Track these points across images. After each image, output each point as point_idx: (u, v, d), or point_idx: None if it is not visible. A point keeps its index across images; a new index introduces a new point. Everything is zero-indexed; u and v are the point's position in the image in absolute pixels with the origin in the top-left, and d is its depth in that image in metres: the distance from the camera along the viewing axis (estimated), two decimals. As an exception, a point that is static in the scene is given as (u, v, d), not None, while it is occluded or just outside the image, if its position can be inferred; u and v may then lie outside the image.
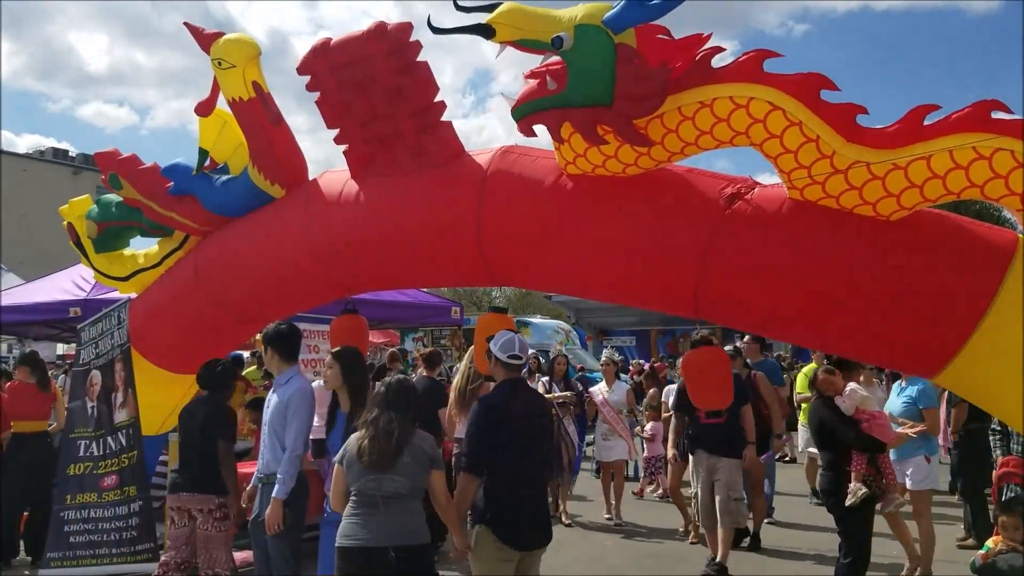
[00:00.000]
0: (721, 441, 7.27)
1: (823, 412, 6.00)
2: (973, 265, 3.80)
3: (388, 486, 4.18)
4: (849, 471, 5.80)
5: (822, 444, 6.11)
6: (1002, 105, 3.58)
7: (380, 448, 4.17)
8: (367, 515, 4.18)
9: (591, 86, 3.98)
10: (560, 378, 9.91)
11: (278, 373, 5.39)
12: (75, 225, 6.61)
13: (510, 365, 4.60)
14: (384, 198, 5.02)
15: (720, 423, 7.18)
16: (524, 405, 4.62)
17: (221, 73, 5.26)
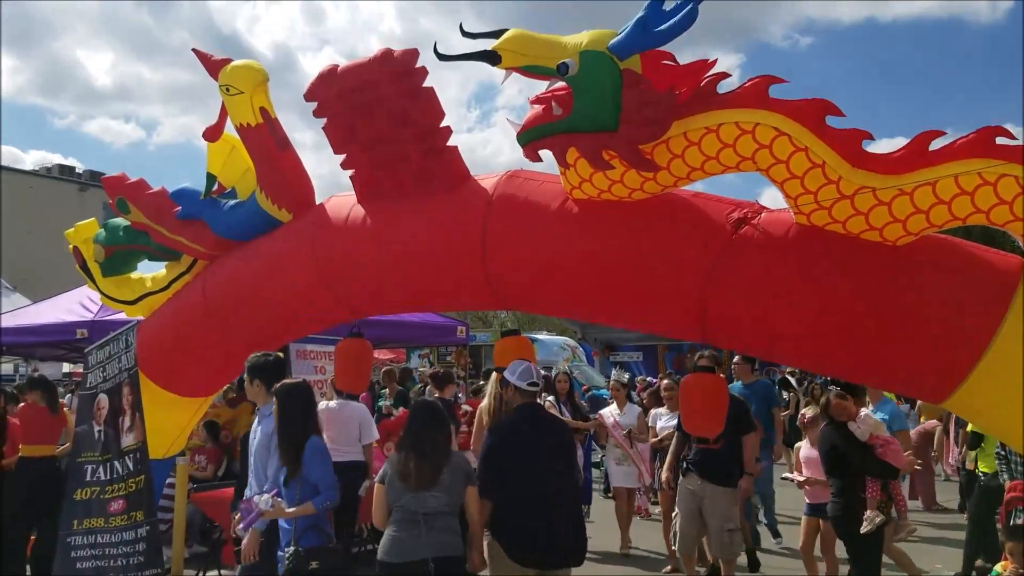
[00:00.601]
0: (716, 468, 6.86)
1: (835, 438, 5.97)
2: (979, 290, 3.78)
3: (431, 503, 4.51)
4: (862, 497, 5.77)
5: (832, 470, 6.07)
6: (1006, 132, 3.59)
7: (422, 467, 4.50)
8: (409, 530, 4.48)
9: (597, 112, 3.99)
10: (565, 398, 9.38)
11: (263, 404, 5.30)
12: (81, 249, 6.62)
13: (527, 392, 4.97)
14: (390, 222, 5.03)
15: (717, 449, 6.77)
16: (539, 430, 4.93)
17: (229, 99, 5.29)
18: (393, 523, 4.54)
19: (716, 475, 6.80)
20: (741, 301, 4.17)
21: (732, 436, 6.47)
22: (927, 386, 4.08)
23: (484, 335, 22.58)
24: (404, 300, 5.51)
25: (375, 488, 4.74)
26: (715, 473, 6.80)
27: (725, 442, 6.61)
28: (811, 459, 6.82)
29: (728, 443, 6.67)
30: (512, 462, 4.76)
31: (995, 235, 5.08)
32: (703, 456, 6.84)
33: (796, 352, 4.45)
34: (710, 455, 6.78)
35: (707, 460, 6.82)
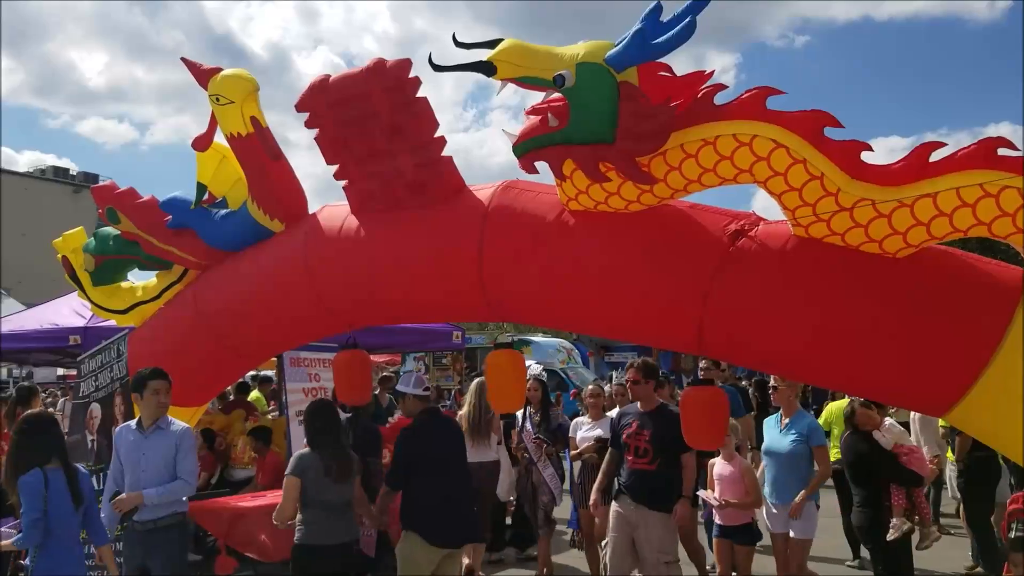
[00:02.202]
0: (651, 491, 5.92)
1: (862, 447, 5.92)
2: (981, 303, 3.74)
3: (347, 493, 5.39)
4: (887, 505, 5.75)
5: (857, 479, 6.00)
6: (1008, 143, 3.54)
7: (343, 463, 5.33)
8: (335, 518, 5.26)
9: (593, 124, 3.95)
10: (538, 408, 7.89)
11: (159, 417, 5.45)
12: (70, 258, 6.57)
13: (421, 397, 5.83)
14: (384, 234, 4.98)
15: (652, 470, 5.89)
16: (439, 430, 5.78)
17: (219, 109, 5.24)
18: (315, 512, 5.20)
19: (651, 499, 5.90)
20: (738, 314, 4.12)
21: (671, 455, 5.85)
22: (928, 400, 4.03)
23: (479, 337, 22.52)
24: (398, 313, 5.46)
25: (288, 481, 5.25)
26: (650, 496, 5.90)
27: (662, 461, 5.87)
28: (726, 476, 6.33)
29: (665, 463, 5.90)
30: (419, 459, 5.58)
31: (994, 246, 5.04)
32: (637, 477, 5.97)
33: (795, 365, 4.40)
34: (644, 476, 5.92)
35: (641, 482, 5.94)
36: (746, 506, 6.18)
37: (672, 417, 5.65)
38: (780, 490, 6.24)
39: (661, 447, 5.79)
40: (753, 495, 6.16)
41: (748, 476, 6.22)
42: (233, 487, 9.07)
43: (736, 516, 6.21)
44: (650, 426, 5.94)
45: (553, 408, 7.99)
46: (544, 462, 7.71)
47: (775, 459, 6.31)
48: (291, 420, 9.14)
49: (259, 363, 6.17)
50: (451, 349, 12.07)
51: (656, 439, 5.86)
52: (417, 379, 5.78)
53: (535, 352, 22.78)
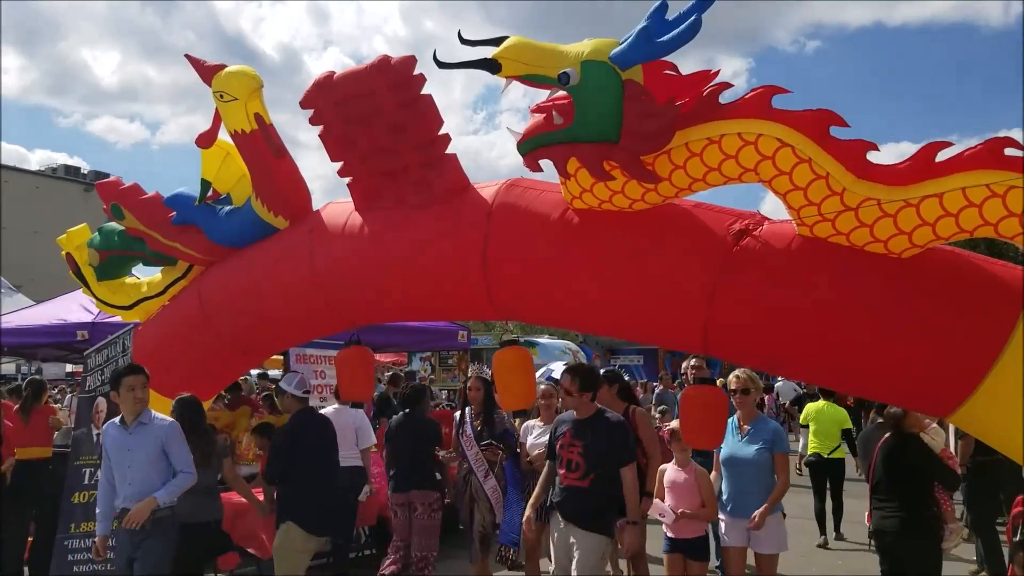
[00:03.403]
0: (580, 510, 5.25)
1: (912, 451, 5.54)
2: (987, 304, 3.71)
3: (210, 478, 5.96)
4: (935, 511, 5.49)
5: (895, 484, 5.55)
6: (1015, 143, 3.52)
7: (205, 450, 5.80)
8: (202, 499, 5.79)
9: (598, 122, 3.93)
10: (480, 410, 6.98)
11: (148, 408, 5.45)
12: (74, 255, 6.59)
13: (301, 399, 6.10)
14: (388, 232, 4.97)
15: (582, 487, 5.21)
16: (313, 429, 6.11)
17: (223, 106, 5.24)
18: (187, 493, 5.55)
19: (582, 519, 5.23)
20: (743, 314, 4.10)
21: (607, 469, 5.20)
22: (933, 400, 4.01)
23: (486, 338, 22.50)
24: (402, 311, 5.45)
25: None
26: (580, 517, 5.24)
27: (596, 477, 5.21)
28: (679, 484, 5.75)
29: (600, 479, 5.21)
30: (295, 456, 5.91)
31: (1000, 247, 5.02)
32: (567, 495, 5.32)
33: (800, 365, 4.39)
34: (575, 494, 5.26)
35: (572, 500, 5.30)
36: (702, 517, 5.68)
37: (612, 426, 5.24)
38: (741, 502, 5.68)
39: (595, 461, 5.18)
40: (709, 505, 5.65)
41: (704, 484, 5.69)
42: (239, 484, 9.08)
43: (690, 529, 5.68)
44: (584, 437, 5.26)
45: (498, 411, 6.97)
46: (485, 471, 6.84)
47: (736, 469, 5.75)
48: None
49: (263, 359, 6.25)
50: (457, 349, 12.05)
51: (589, 452, 5.20)
52: (299, 381, 6.07)
53: (541, 353, 22.80)
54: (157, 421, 5.42)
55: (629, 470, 5.23)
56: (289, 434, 5.97)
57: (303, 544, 5.92)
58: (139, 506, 5.21)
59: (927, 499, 5.47)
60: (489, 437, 6.84)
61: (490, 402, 6.93)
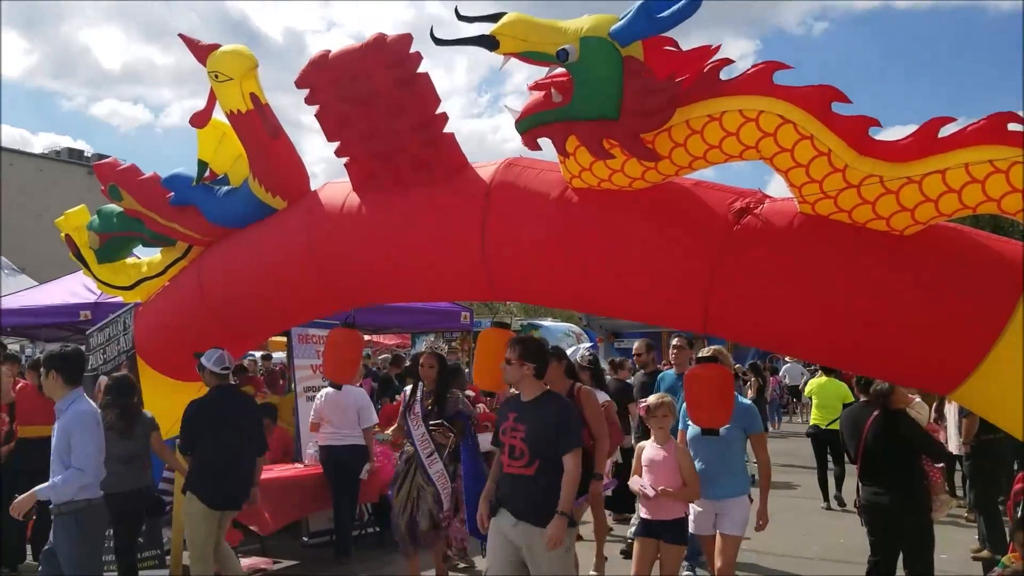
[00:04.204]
0: (528, 501, 4.74)
1: (901, 426, 5.60)
2: (989, 280, 3.68)
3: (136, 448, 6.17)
4: (925, 484, 5.56)
5: (889, 461, 5.58)
6: (1019, 117, 3.47)
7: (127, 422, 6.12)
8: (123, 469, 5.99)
9: (597, 99, 3.87)
10: (431, 389, 6.51)
11: (60, 398, 5.15)
12: (73, 237, 6.57)
13: (220, 375, 6.09)
14: (386, 212, 4.93)
15: (527, 475, 4.71)
16: (228, 405, 6.14)
17: (218, 86, 5.18)
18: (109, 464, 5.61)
19: (533, 512, 4.71)
20: (744, 293, 4.07)
21: (551, 454, 4.71)
22: (935, 377, 3.98)
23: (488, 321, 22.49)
24: (401, 291, 5.40)
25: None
26: (530, 509, 4.72)
27: (542, 465, 4.71)
28: (658, 463, 5.44)
29: (547, 465, 4.72)
30: (205, 429, 6.01)
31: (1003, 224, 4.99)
32: (513, 485, 4.80)
33: (801, 344, 4.36)
34: (521, 483, 4.76)
35: (518, 490, 4.78)
36: (685, 497, 5.36)
37: (558, 407, 4.81)
38: (710, 483, 5.47)
39: (539, 447, 4.69)
40: (691, 484, 5.36)
41: (685, 462, 5.40)
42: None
43: (668, 510, 5.35)
44: (528, 420, 4.77)
45: (453, 391, 6.52)
46: (430, 454, 6.34)
47: (704, 448, 5.53)
48: (299, 396, 9.18)
49: (263, 340, 6.28)
50: (460, 330, 12.03)
51: (532, 437, 4.72)
52: (219, 357, 6.05)
53: (544, 336, 22.74)
54: (73, 407, 5.10)
55: (572, 458, 4.67)
56: (200, 408, 6.07)
57: (204, 515, 6.01)
58: (19, 499, 5.03)
59: (918, 473, 5.55)
60: (439, 418, 6.37)
61: (444, 380, 6.50)
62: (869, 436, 5.70)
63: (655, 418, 5.46)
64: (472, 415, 6.68)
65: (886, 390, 5.64)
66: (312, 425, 8.17)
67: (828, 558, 7.80)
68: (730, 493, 5.47)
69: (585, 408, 5.86)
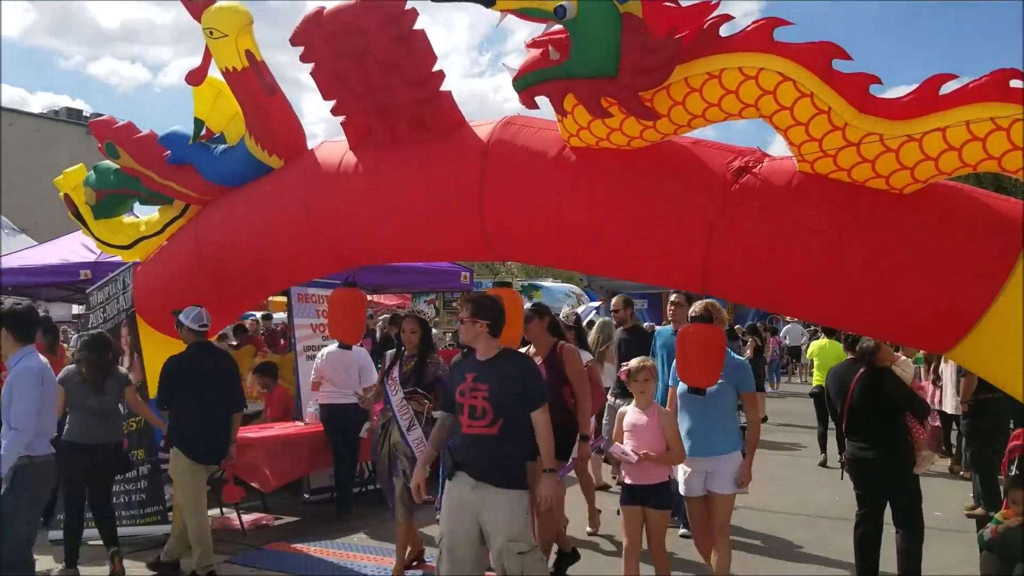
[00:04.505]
0: (491, 461, 4.47)
1: (888, 384, 5.65)
2: (988, 239, 3.67)
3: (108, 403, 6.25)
4: (909, 440, 5.62)
5: (876, 419, 5.62)
6: (1021, 74, 3.43)
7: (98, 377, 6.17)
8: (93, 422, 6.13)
9: (595, 57, 3.83)
10: (412, 354, 6.14)
11: (9, 355, 5.02)
12: (71, 196, 6.55)
13: (198, 332, 6.14)
14: (383, 171, 4.90)
15: (491, 434, 4.44)
16: (206, 360, 6.18)
17: (213, 43, 5.13)
18: (77, 415, 6.08)
19: (494, 473, 4.46)
20: (742, 252, 4.06)
21: (517, 413, 4.49)
22: (932, 336, 3.99)
23: (489, 282, 22.50)
24: (398, 251, 5.39)
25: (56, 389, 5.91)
26: (492, 470, 4.47)
27: (506, 423, 4.46)
28: (640, 427, 5.21)
29: (510, 425, 4.47)
30: (183, 384, 6.06)
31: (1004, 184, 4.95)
32: (474, 445, 4.51)
33: (799, 303, 4.36)
34: (484, 443, 4.48)
35: (480, 451, 4.49)
36: (668, 460, 5.16)
37: (520, 366, 4.62)
38: (701, 441, 5.27)
39: (503, 405, 4.45)
40: (675, 447, 5.16)
41: (668, 426, 5.18)
42: (243, 421, 9.19)
43: (652, 474, 5.15)
44: (488, 378, 4.53)
45: (434, 356, 6.23)
46: (409, 421, 6.00)
47: (696, 404, 5.28)
48: (299, 355, 9.20)
49: (261, 299, 6.28)
50: (459, 290, 12.03)
51: (496, 395, 4.48)
52: (197, 315, 6.11)
53: (544, 297, 22.78)
54: (17, 366, 4.93)
55: (541, 413, 4.52)
56: (178, 363, 6.13)
57: (190, 469, 6.09)
58: None
59: (902, 429, 5.61)
60: (415, 385, 6.02)
61: (426, 346, 6.19)
62: (855, 393, 5.76)
63: (636, 382, 5.22)
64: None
65: (871, 348, 5.68)
66: (313, 384, 8.21)
67: (823, 515, 7.88)
68: (721, 450, 5.26)
69: (567, 365, 5.73)
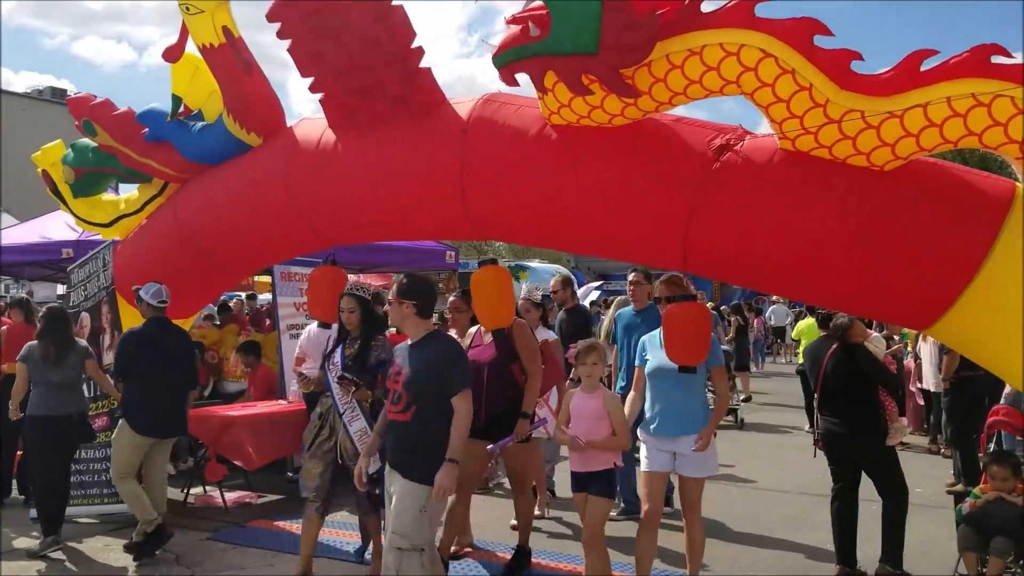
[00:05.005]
0: (398, 449, 4.29)
1: (862, 359, 5.73)
2: (969, 216, 3.67)
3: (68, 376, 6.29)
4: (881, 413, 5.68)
5: (845, 390, 5.70)
6: (1002, 49, 3.41)
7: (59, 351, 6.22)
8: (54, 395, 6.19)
9: (576, 33, 3.80)
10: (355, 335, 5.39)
11: None
12: (50, 172, 6.48)
13: (157, 307, 6.09)
14: (362, 148, 4.85)
15: (403, 421, 4.25)
16: (163, 336, 6.13)
17: (190, 19, 5.05)
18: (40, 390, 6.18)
19: (400, 461, 4.27)
20: (723, 230, 4.05)
21: (433, 399, 4.22)
22: (912, 313, 4.00)
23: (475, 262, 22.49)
24: (378, 230, 5.34)
25: (17, 366, 6.35)
26: (398, 458, 4.29)
27: (419, 408, 4.21)
28: (587, 412, 4.86)
29: (424, 411, 4.21)
30: (138, 358, 6.03)
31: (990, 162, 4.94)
32: (391, 432, 4.38)
33: (780, 281, 4.36)
34: (397, 430, 4.31)
35: (394, 438, 4.35)
36: (612, 447, 4.83)
37: (441, 347, 4.31)
38: (668, 420, 4.99)
39: (417, 390, 4.21)
40: (620, 433, 4.84)
41: (615, 411, 4.86)
42: (226, 399, 9.15)
43: (596, 460, 4.85)
44: (409, 362, 4.32)
45: (379, 338, 5.50)
46: (352, 411, 5.34)
47: (665, 383, 5.00)
48: (283, 334, 9.16)
49: (243, 278, 6.22)
50: (444, 269, 11.96)
51: (411, 379, 4.25)
52: (156, 291, 6.10)
53: (532, 277, 22.81)
54: None
55: (461, 399, 4.19)
56: (135, 337, 6.16)
57: (131, 441, 6.11)
58: None
59: (875, 403, 5.67)
60: (357, 371, 5.30)
61: (369, 327, 5.44)
62: (828, 368, 5.81)
63: (584, 365, 4.87)
64: None
65: (845, 324, 5.74)
66: (297, 360, 8.20)
67: (806, 492, 7.93)
68: (692, 430, 4.93)
69: (517, 341, 5.51)
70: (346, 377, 5.24)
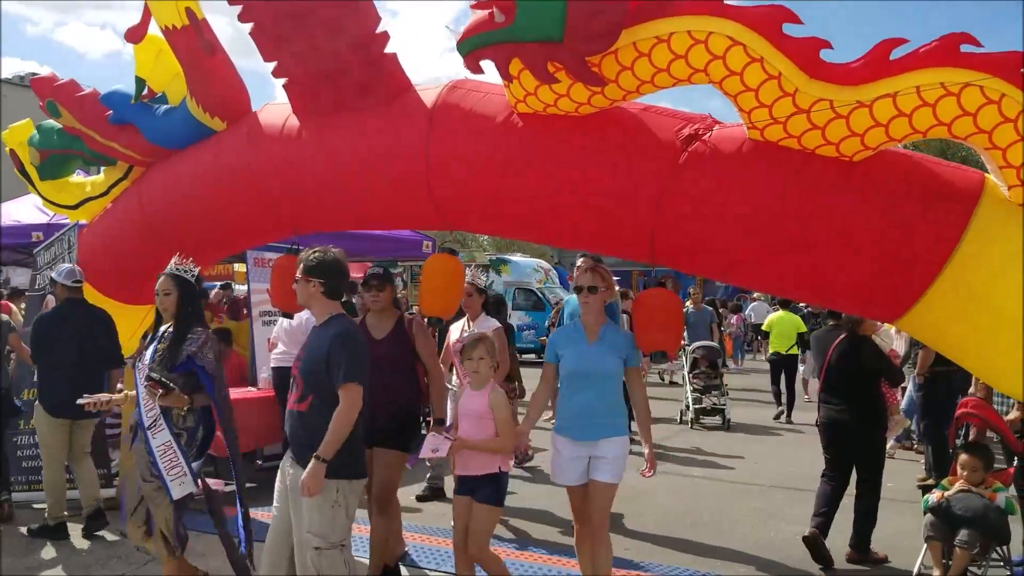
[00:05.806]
0: (298, 443, 4.03)
1: (868, 351, 5.90)
2: (938, 207, 3.64)
3: None
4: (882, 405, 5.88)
5: (848, 381, 5.88)
6: (972, 38, 3.38)
7: None
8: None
9: (541, 20, 3.72)
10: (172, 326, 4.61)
11: None
12: (17, 152, 6.36)
13: (72, 287, 6.14)
14: (327, 135, 4.75)
15: (300, 410, 3.99)
16: (77, 317, 6.14)
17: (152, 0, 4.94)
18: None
19: (299, 453, 4.01)
20: (691, 220, 4.01)
21: (328, 389, 3.89)
22: (881, 305, 3.97)
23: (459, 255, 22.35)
24: (343, 218, 5.20)
25: None
26: (297, 450, 4.04)
27: (316, 399, 3.93)
28: (471, 411, 4.60)
29: (321, 402, 3.91)
30: (51, 340, 6.15)
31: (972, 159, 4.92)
32: (289, 422, 4.10)
33: (749, 273, 4.30)
34: (293, 420, 4.05)
35: (291, 428, 4.07)
36: (491, 448, 4.51)
37: (335, 332, 3.94)
38: (587, 424, 4.54)
39: (311, 379, 3.95)
40: (504, 437, 4.53)
41: (500, 412, 4.53)
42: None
43: (477, 463, 4.53)
44: (307, 347, 4.12)
45: (196, 330, 4.58)
46: (154, 419, 4.41)
47: (586, 384, 4.56)
48: (255, 320, 9.08)
49: (208, 264, 6.13)
50: (421, 259, 11.82)
51: (305, 367, 4.02)
52: (69, 271, 6.14)
53: (513, 271, 22.74)
54: None
55: (343, 393, 3.84)
56: (46, 319, 6.25)
57: (47, 423, 6.19)
58: None
59: (876, 394, 5.84)
60: (167, 368, 4.43)
61: (187, 316, 4.62)
62: (833, 357, 6.00)
63: (470, 360, 4.57)
64: (214, 365, 4.57)
65: (857, 318, 5.87)
66: (270, 343, 8.21)
67: (779, 486, 7.93)
68: (610, 433, 4.54)
69: (416, 339, 5.12)
70: (152, 378, 4.37)
